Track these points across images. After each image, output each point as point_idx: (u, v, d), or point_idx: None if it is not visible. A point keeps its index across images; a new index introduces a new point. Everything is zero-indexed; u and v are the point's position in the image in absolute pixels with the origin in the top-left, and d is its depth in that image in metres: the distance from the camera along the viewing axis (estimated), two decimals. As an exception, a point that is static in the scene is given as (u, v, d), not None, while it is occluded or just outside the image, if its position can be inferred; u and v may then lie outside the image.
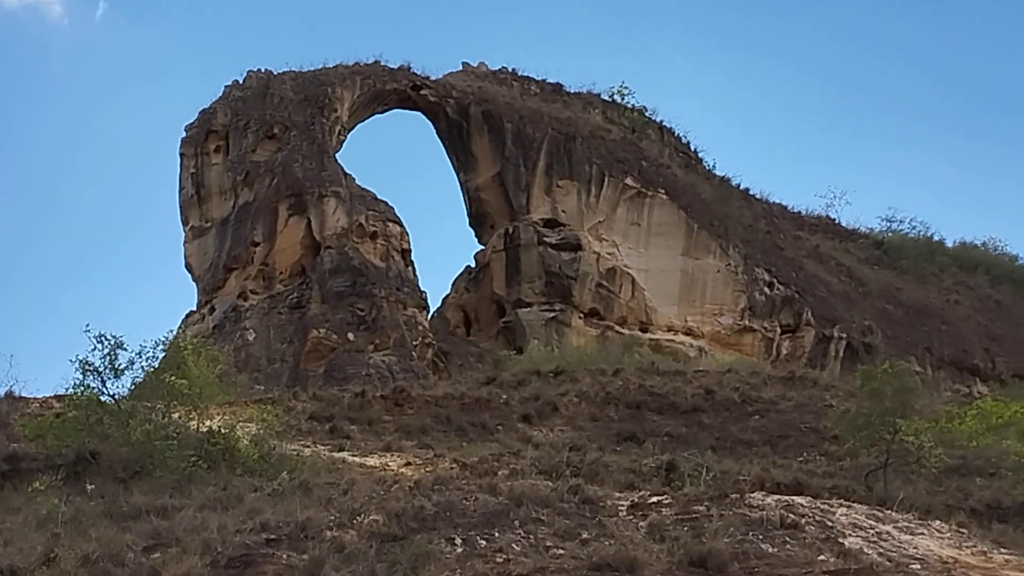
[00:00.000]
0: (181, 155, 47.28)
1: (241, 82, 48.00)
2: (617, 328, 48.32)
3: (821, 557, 15.28)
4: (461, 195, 51.42)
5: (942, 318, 56.87)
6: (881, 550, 15.91)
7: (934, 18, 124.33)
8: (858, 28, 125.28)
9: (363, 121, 50.21)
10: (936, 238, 64.68)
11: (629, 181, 49.90)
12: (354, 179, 45.82)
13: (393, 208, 45.86)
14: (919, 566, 15.34)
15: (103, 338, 22.55)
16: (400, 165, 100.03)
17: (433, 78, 50.83)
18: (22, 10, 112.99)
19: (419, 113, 50.97)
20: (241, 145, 46.04)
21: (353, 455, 24.39)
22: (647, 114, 56.51)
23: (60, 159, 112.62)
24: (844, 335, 51.80)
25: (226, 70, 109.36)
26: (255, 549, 15.24)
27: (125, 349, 22.72)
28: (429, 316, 46.26)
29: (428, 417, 29.68)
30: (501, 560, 14.99)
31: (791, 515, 16.81)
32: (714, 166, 57.89)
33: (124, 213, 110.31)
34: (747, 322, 50.65)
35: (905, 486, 22.36)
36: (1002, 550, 16.85)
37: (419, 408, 30.37)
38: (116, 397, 22.69)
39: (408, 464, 23.64)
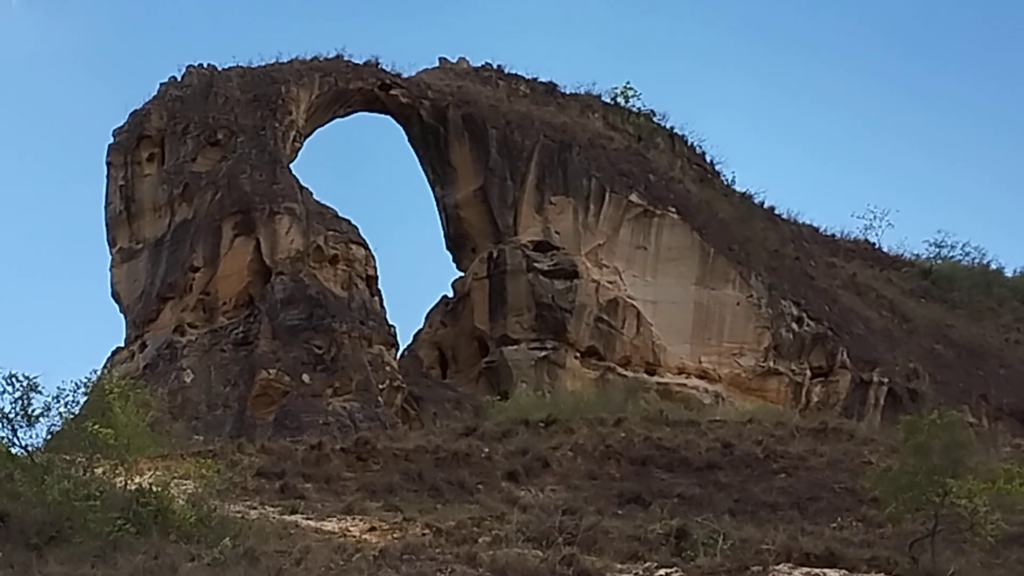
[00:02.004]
0: (108, 164, 47.31)
1: (179, 79, 48.10)
2: (619, 370, 48.38)
3: (857, 641, 15.35)
4: (437, 213, 51.59)
5: (1001, 360, 57.00)
6: (928, 633, 15.98)
7: (989, 15, 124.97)
8: (902, 24, 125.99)
9: (322, 126, 50.38)
10: (993, 266, 65.00)
11: (634, 197, 50.08)
12: (311, 193, 45.93)
13: (357, 228, 46.00)
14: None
15: (14, 379, 22.65)
16: (365, 177, 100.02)
17: (405, 76, 51.06)
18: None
19: (388, 116, 51.17)
20: (179, 153, 46.10)
21: (308, 518, 24.44)
22: (655, 119, 56.82)
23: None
24: (885, 380, 51.93)
25: (162, 65, 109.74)
26: (192, 629, 15.24)
27: (40, 392, 22.85)
28: (398, 355, 46.29)
29: (396, 474, 29.70)
30: (482, 643, 15.02)
31: (822, 591, 16.86)
32: (733, 180, 58.34)
33: (40, 232, 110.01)
34: (772, 364, 50.75)
35: (957, 558, 22.39)
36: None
37: (386, 463, 30.39)
38: (29, 449, 22.72)
39: (372, 529, 23.67)
